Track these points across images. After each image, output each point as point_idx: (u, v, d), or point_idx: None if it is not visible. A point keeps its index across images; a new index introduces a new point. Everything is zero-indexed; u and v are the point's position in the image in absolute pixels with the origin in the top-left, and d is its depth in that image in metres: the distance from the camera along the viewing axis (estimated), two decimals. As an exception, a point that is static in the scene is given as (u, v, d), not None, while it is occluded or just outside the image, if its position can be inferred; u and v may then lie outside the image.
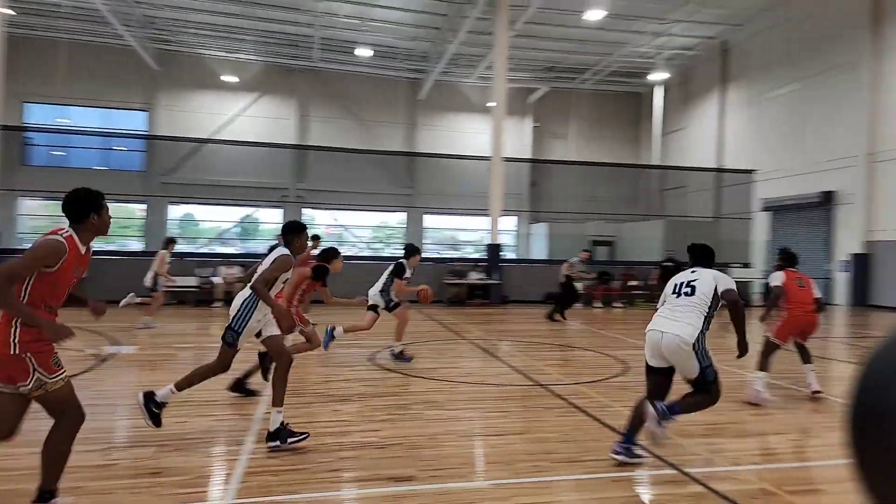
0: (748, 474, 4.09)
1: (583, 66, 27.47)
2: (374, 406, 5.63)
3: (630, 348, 9.73)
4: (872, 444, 0.72)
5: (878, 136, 18.47)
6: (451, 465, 4.10)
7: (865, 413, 0.76)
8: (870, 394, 0.75)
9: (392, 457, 4.25)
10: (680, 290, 4.34)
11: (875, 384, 0.73)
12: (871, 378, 0.77)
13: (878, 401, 0.69)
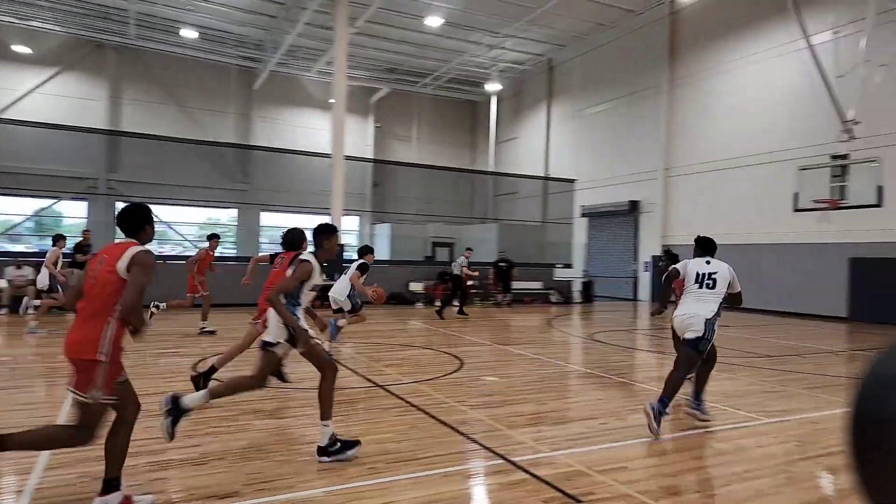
0: (565, 458, 4.41)
1: (423, 70, 28.12)
2: (195, 419, 5.16)
3: (467, 345, 10.10)
4: (872, 451, 0.72)
5: (673, 154, 21.29)
6: (280, 476, 3.89)
7: (865, 420, 0.75)
8: (869, 402, 0.74)
9: (213, 472, 3.92)
10: (703, 280, 5.35)
11: (874, 393, 0.72)
12: (870, 386, 0.76)
13: (877, 409, 0.69)
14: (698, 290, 5.39)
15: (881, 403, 0.68)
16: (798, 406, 6.36)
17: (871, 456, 0.71)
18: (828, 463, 4.54)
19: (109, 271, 3.18)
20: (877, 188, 12.88)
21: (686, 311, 5.33)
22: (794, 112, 17.04)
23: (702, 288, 5.37)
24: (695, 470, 4.27)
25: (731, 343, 11.27)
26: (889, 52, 13.63)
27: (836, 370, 8.82)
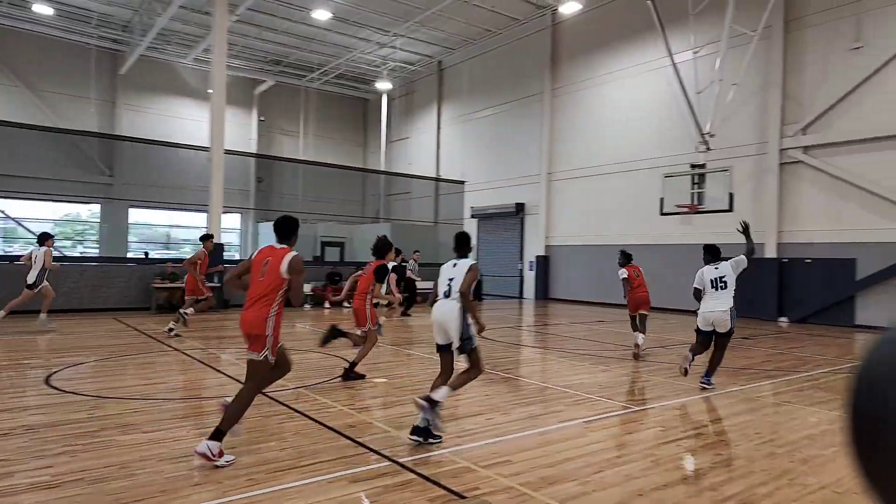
0: (451, 455, 4.46)
1: (311, 64, 27.40)
2: (47, 438, 4.64)
3: (357, 347, 9.93)
4: (872, 448, 0.69)
5: (555, 160, 22.38)
6: (146, 496, 3.58)
7: (864, 416, 0.72)
8: (865, 397, 0.71)
9: (66, 496, 3.54)
10: (716, 284, 7.02)
11: (872, 386, 0.70)
12: (867, 380, 0.73)
13: (874, 404, 0.67)
14: (715, 293, 7.01)
15: (878, 398, 0.68)
16: (661, 394, 6.90)
17: (871, 453, 0.69)
18: (687, 445, 4.95)
19: (274, 270, 4.37)
20: (729, 195, 14.33)
21: (712, 309, 6.95)
22: (660, 123, 18.53)
23: (717, 290, 6.99)
24: (572, 459, 4.48)
25: (606, 337, 12.03)
26: (739, 73, 15.23)
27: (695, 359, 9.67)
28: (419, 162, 28.79)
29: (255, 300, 4.42)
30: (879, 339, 0.71)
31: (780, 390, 7.25)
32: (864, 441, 0.67)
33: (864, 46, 14.48)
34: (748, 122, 16.63)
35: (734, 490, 3.93)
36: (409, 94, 30.03)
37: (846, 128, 14.77)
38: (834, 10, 15.09)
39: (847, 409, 0.70)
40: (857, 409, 0.68)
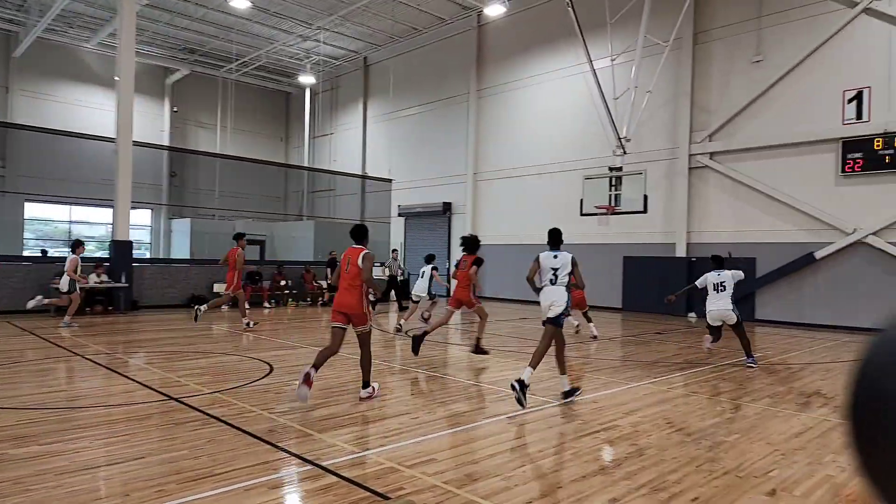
0: (376, 456, 4.40)
1: (229, 54, 26.34)
2: (-74, 455, 4.19)
3: (277, 349, 9.64)
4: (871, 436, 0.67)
5: (481, 160, 22.68)
6: (43, 514, 3.30)
7: (863, 404, 0.71)
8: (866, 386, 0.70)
9: (-52, 520, 3.20)
10: (717, 287, 8.78)
11: (872, 374, 0.68)
12: (868, 368, 0.71)
13: (875, 391, 0.66)
14: (716, 294, 8.74)
15: (878, 387, 0.68)
16: (582, 388, 7.13)
17: (870, 443, 0.69)
18: (605, 437, 5.14)
19: (354, 264, 6.06)
20: (643, 197, 15.04)
21: (716, 308, 8.78)
22: (581, 127, 19.18)
23: (717, 292, 8.70)
24: (495, 455, 4.54)
25: (530, 334, 12.31)
26: (652, 81, 16.02)
27: (611, 354, 10.09)
28: (344, 159, 28.36)
29: (346, 288, 6.09)
30: (879, 334, 0.72)
31: (689, 381, 7.68)
32: (864, 435, 0.67)
33: (763, 60, 15.60)
34: (661, 128, 17.52)
35: (647, 478, 4.11)
36: (333, 89, 29.50)
37: (747, 136, 15.86)
38: (737, 24, 16.16)
39: (847, 404, 0.70)
40: (856, 404, 0.69)
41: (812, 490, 3.97)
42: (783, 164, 15.23)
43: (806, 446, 5.00)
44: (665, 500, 3.74)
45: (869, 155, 13.74)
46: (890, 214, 13.46)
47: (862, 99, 13.98)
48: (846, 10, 14.16)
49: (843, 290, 14.20)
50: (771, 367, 8.97)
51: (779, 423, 5.72)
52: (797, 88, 15.04)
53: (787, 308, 15.10)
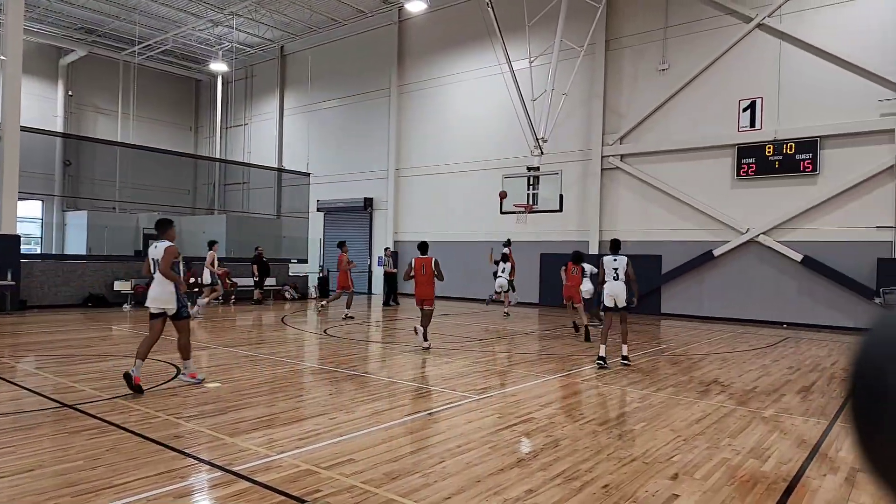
0: (292, 459, 4.27)
1: (131, 36, 24.69)
2: None
3: (184, 349, 9.15)
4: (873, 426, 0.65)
5: (403, 156, 22.60)
6: None
7: (865, 392, 0.68)
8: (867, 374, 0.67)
9: None
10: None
11: (872, 363, 0.66)
12: (868, 357, 0.68)
13: (875, 380, 0.64)
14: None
15: (880, 375, 0.66)
16: (499, 382, 7.27)
17: (872, 431, 0.68)
18: (522, 429, 5.26)
19: (428, 267, 9.46)
20: (559, 196, 15.54)
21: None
22: (500, 127, 19.53)
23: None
24: (415, 452, 4.53)
25: (450, 330, 12.40)
26: (568, 84, 16.57)
27: (528, 349, 10.37)
28: (260, 151, 27.38)
29: (424, 283, 9.49)
30: (877, 322, 0.73)
31: (601, 373, 8.01)
32: (865, 420, 0.67)
33: (669, 68, 16.53)
34: (576, 129, 18.16)
35: (562, 468, 4.24)
36: (248, 77, 28.37)
37: (654, 139, 16.76)
38: (645, 33, 17.02)
39: (847, 391, 0.71)
40: (857, 390, 0.69)
41: (711, 473, 4.25)
42: (686, 167, 16.22)
43: (705, 431, 5.34)
44: (578, 489, 3.87)
45: (761, 160, 14.89)
46: (778, 215, 14.66)
47: (755, 108, 15.13)
48: (742, 24, 15.27)
49: (738, 285, 15.33)
50: (674, 358, 9.53)
51: (681, 410, 6.08)
52: (698, 96, 16.05)
53: (689, 302, 16.10)
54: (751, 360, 9.37)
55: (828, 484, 4.10)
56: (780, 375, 8.15)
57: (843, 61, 13.89)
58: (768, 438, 5.15)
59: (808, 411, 6.16)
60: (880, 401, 0.64)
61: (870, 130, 13.57)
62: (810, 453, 4.77)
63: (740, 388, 7.28)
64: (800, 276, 14.47)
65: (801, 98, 14.47)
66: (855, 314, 13.71)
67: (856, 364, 0.69)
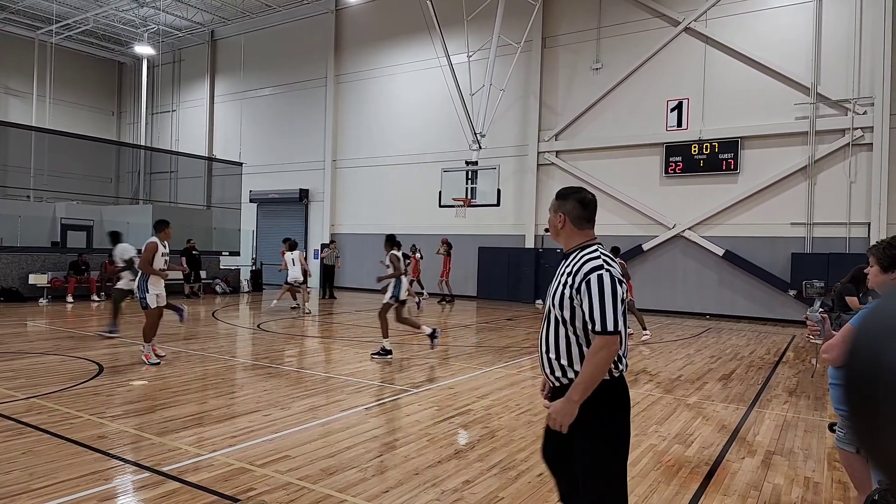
0: (224, 458, 4.15)
1: (47, 14, 23.10)
2: None
3: (108, 347, 8.71)
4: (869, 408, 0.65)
5: (340, 147, 22.24)
6: None
7: (861, 377, 0.68)
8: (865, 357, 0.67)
9: None
10: None
11: (869, 346, 0.66)
12: (864, 341, 0.68)
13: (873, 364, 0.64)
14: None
15: (873, 356, 0.68)
16: (437, 375, 7.32)
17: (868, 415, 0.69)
18: (460, 421, 5.32)
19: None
20: (497, 191, 15.75)
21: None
22: (439, 120, 19.55)
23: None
24: (352, 447, 4.50)
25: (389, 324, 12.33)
26: (505, 80, 16.78)
27: (466, 341, 10.47)
28: (189, 139, 26.26)
29: None
30: (874, 305, 0.76)
31: (536, 365, 8.20)
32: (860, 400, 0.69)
33: (602, 67, 17.01)
34: (513, 125, 18.43)
35: (498, 458, 4.33)
36: (175, 62, 27.10)
37: (588, 137, 17.23)
38: (579, 33, 17.44)
39: (844, 373, 0.72)
40: (853, 371, 0.70)
41: (638, 458, 4.44)
42: (617, 165, 16.78)
43: (634, 419, 5.56)
44: (514, 478, 3.96)
45: (686, 159, 15.61)
46: (703, 211, 15.41)
47: (682, 108, 15.82)
48: (671, 27, 15.91)
49: (665, 278, 16.04)
50: (605, 349, 9.87)
51: (612, 398, 6.30)
52: (630, 96, 16.62)
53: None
54: (676, 350, 9.84)
55: (746, 466, 4.36)
56: (703, 364, 8.60)
57: (762, 66, 14.72)
58: (692, 424, 5.43)
59: (728, 398, 6.53)
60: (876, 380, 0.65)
61: (786, 132, 14.47)
62: (730, 438, 5.06)
63: (667, 376, 7.63)
64: (721, 269, 15.29)
65: (724, 100, 15.24)
66: (771, 306, 14.63)
67: (852, 347, 0.71)
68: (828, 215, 14.05)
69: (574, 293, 2.32)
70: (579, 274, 2.33)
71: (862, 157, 13.75)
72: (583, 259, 2.38)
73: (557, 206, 2.55)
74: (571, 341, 2.36)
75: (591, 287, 2.28)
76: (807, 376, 7.84)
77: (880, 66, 13.41)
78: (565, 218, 2.51)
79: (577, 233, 2.51)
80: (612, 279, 2.30)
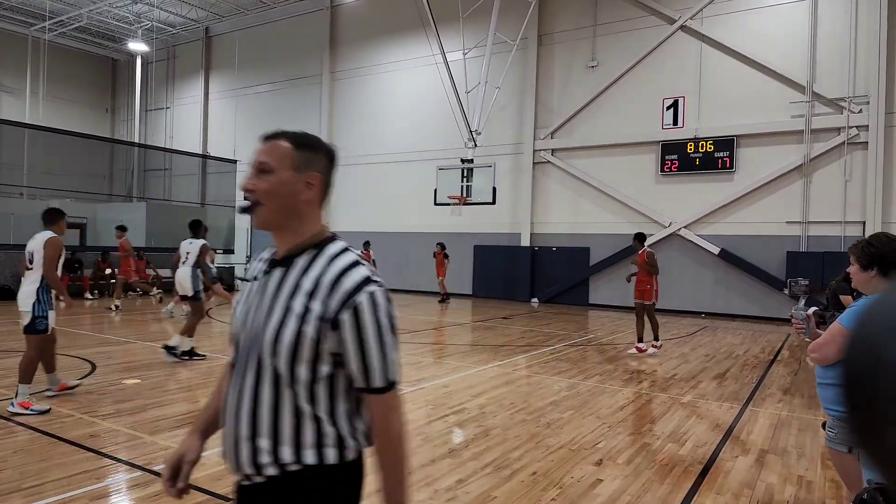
0: (216, 457, 4.12)
1: (41, 10, 22.95)
2: None
3: (102, 345, 8.67)
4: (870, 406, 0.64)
5: (334, 144, 22.10)
6: None
7: (860, 373, 0.66)
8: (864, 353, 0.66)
9: None
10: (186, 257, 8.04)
11: (869, 343, 0.65)
12: (864, 337, 0.67)
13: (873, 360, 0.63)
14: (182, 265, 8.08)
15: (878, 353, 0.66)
16: (432, 374, 7.31)
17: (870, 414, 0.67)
18: (454, 420, 5.30)
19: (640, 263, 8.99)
20: (492, 189, 15.73)
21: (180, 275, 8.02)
22: (435, 117, 19.50)
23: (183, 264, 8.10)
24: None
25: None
26: (501, 78, 16.76)
27: (461, 339, 10.47)
28: (183, 136, 26.14)
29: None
30: (869, 301, 0.74)
31: (531, 363, 8.20)
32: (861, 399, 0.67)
33: (598, 65, 17.00)
34: (509, 123, 18.40)
35: (492, 457, 4.32)
36: (169, 59, 26.96)
37: (583, 135, 17.22)
38: (575, 30, 17.42)
39: (843, 370, 0.70)
40: (852, 368, 0.69)
41: (633, 457, 4.44)
42: (613, 163, 16.78)
43: (628, 418, 5.57)
44: (508, 477, 3.95)
45: (682, 157, 15.62)
46: (698, 210, 15.43)
47: (678, 107, 15.83)
48: (667, 25, 15.91)
49: (660, 277, 16.00)
50: (601, 348, 9.89)
51: (607, 398, 6.31)
52: (625, 94, 16.61)
53: (616, 293, 16.72)
54: (671, 349, 9.85)
55: (740, 465, 4.37)
56: (697, 363, 8.62)
57: (758, 64, 14.74)
58: (686, 423, 5.44)
59: (722, 397, 6.54)
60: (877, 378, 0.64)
61: (782, 131, 14.49)
62: (724, 436, 5.07)
63: (662, 375, 7.64)
64: (717, 268, 15.32)
65: (720, 98, 15.26)
66: (766, 304, 14.67)
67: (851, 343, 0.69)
68: (823, 214, 14.09)
69: (324, 328, 1.34)
70: (335, 293, 1.35)
71: (857, 156, 13.79)
72: (333, 264, 1.42)
73: (302, 160, 1.53)
74: (304, 413, 1.36)
75: (363, 316, 1.35)
76: (801, 375, 7.86)
77: (875, 65, 13.45)
78: (320, 180, 1.56)
79: (318, 213, 1.56)
80: (388, 299, 1.42)
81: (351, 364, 1.36)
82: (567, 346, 9.76)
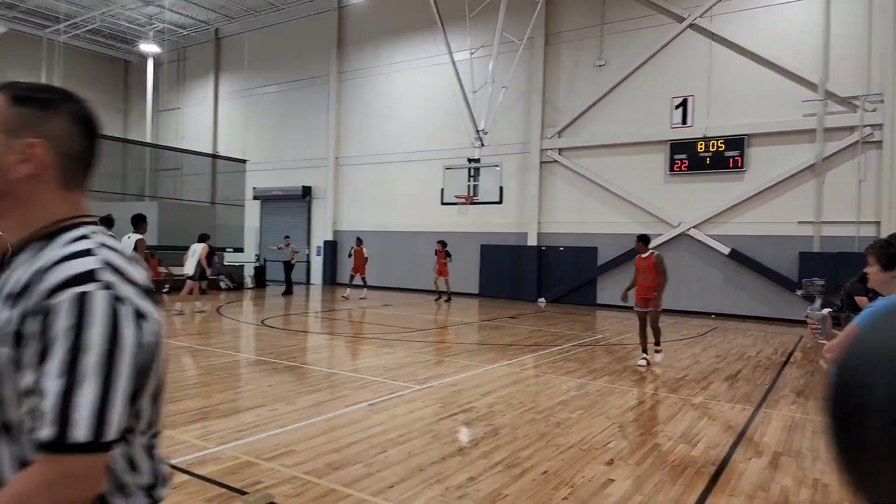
0: (232, 451, 4.15)
1: (56, 13, 23.18)
2: None
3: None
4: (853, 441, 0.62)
5: (343, 144, 22.23)
6: None
7: (846, 409, 0.64)
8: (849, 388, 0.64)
9: None
10: None
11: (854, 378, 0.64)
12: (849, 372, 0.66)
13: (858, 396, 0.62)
14: None
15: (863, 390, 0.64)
16: (441, 372, 7.31)
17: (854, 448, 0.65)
18: (463, 418, 5.30)
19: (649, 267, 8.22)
20: (499, 188, 15.71)
21: None
22: (442, 117, 19.51)
23: None
24: (357, 442, 4.50)
25: (390, 321, 12.35)
26: (508, 77, 16.73)
27: (469, 338, 10.46)
28: (193, 136, 26.29)
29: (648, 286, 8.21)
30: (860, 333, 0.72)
31: (539, 363, 8.19)
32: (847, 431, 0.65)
33: (605, 65, 16.94)
34: (516, 122, 18.38)
35: (501, 456, 4.31)
36: (180, 60, 27.14)
37: (591, 134, 17.17)
38: (583, 29, 17.37)
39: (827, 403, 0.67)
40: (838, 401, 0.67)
41: (643, 458, 4.42)
42: (621, 162, 16.72)
43: (638, 419, 5.55)
44: (518, 476, 3.95)
45: (692, 156, 15.53)
46: (708, 209, 15.34)
47: (687, 106, 15.75)
48: (675, 23, 15.83)
49: (669, 277, 15.94)
50: (610, 348, 9.85)
51: (616, 398, 6.29)
52: (633, 93, 16.54)
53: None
54: (681, 350, 9.80)
55: (753, 467, 4.34)
56: (708, 364, 8.57)
57: (768, 63, 14.63)
58: (697, 424, 5.41)
59: (734, 398, 6.50)
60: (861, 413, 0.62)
61: (793, 130, 14.37)
62: (737, 438, 5.03)
63: (672, 376, 7.60)
64: (727, 268, 15.22)
65: (730, 97, 15.15)
66: (778, 305, 14.55)
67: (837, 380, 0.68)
68: (836, 214, 13.96)
69: (12, 343, 0.96)
70: (34, 293, 0.96)
71: (871, 155, 13.65)
72: (51, 255, 1.02)
73: (18, 120, 1.05)
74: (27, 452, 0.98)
75: (55, 323, 0.93)
76: (815, 377, 7.80)
77: (890, 63, 13.30)
78: (46, 149, 1.06)
79: (55, 195, 1.11)
80: (116, 311, 0.97)
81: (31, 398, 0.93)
82: (575, 346, 9.74)
